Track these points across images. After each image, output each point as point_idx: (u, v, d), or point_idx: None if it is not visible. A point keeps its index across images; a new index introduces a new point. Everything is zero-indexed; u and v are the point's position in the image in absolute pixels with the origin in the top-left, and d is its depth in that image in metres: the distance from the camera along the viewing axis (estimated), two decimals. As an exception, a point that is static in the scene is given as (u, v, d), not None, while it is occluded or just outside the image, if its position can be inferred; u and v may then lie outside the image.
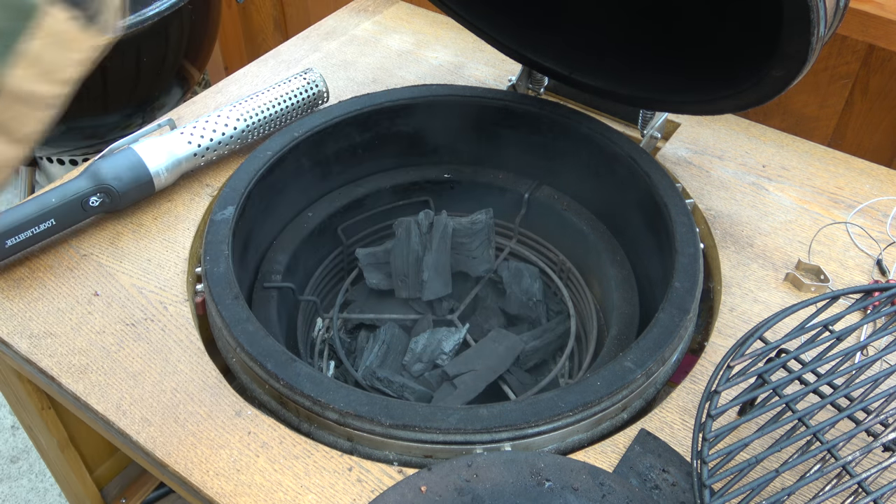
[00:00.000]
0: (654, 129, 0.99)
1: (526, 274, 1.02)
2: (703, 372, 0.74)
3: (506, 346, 0.90)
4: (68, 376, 0.72)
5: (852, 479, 0.58)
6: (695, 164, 0.99)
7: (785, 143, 1.03)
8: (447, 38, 1.22)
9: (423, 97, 0.98)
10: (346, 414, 0.65)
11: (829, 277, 0.83)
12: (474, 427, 0.64)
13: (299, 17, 1.66)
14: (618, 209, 0.96)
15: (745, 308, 0.81)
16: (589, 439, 0.69)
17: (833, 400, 0.62)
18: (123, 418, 0.68)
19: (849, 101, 1.09)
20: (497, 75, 1.14)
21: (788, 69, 0.69)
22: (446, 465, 0.61)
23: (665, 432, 0.68)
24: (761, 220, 0.91)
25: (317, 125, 0.93)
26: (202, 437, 0.67)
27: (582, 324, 1.00)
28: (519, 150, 1.02)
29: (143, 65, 1.25)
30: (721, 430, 0.59)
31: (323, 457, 0.65)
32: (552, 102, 0.99)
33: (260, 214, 0.90)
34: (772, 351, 0.63)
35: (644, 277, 0.92)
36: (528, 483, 0.60)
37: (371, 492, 0.63)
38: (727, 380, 0.61)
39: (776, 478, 0.57)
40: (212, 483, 0.63)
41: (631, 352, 0.70)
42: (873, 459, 0.66)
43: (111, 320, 0.77)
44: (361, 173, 1.03)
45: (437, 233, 0.97)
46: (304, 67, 1.11)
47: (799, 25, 0.64)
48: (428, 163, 1.06)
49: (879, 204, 0.93)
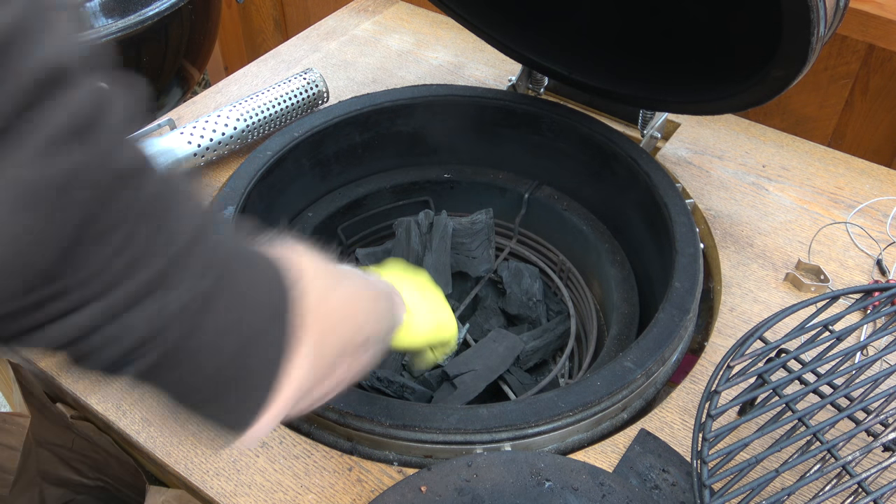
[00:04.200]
0: (654, 129, 0.99)
1: (526, 274, 1.02)
2: (703, 372, 0.74)
3: (506, 346, 0.90)
4: (68, 376, 0.72)
5: (852, 478, 0.58)
6: (695, 164, 0.99)
7: (785, 143, 1.03)
8: (447, 38, 1.22)
9: (423, 97, 0.98)
10: (345, 414, 0.65)
11: (829, 277, 0.83)
12: (474, 427, 0.64)
13: (299, 17, 1.66)
14: (618, 209, 0.96)
15: (745, 308, 0.81)
16: (589, 439, 0.69)
17: (833, 400, 0.62)
18: (123, 418, 0.68)
19: (849, 101, 1.09)
20: (497, 75, 1.14)
21: (788, 69, 0.69)
22: (446, 465, 0.61)
23: (665, 432, 0.68)
24: (761, 220, 0.91)
25: (317, 125, 0.93)
26: (202, 437, 0.67)
27: (582, 324, 1.00)
28: (519, 150, 1.02)
29: (143, 65, 1.25)
30: (721, 430, 0.59)
31: (323, 457, 0.65)
32: (552, 102, 0.99)
33: (260, 214, 0.90)
34: (772, 351, 0.63)
35: (644, 277, 0.92)
36: (527, 483, 0.60)
37: (371, 492, 0.63)
38: (727, 380, 0.61)
39: (776, 478, 0.57)
40: (212, 483, 0.63)
41: (631, 352, 0.70)
42: (873, 459, 0.66)
43: (111, 320, 0.77)
44: (361, 173, 1.03)
45: (437, 233, 0.97)
46: (304, 67, 1.11)
47: (799, 25, 0.64)
48: (428, 163, 1.06)
49: (879, 204, 0.93)
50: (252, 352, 0.36)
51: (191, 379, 0.35)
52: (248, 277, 0.36)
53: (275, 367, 0.38)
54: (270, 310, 0.37)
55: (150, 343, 0.32)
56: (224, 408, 0.38)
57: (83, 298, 0.29)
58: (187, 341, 0.33)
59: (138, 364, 0.33)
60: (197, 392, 0.36)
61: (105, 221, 0.29)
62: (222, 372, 0.35)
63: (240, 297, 0.35)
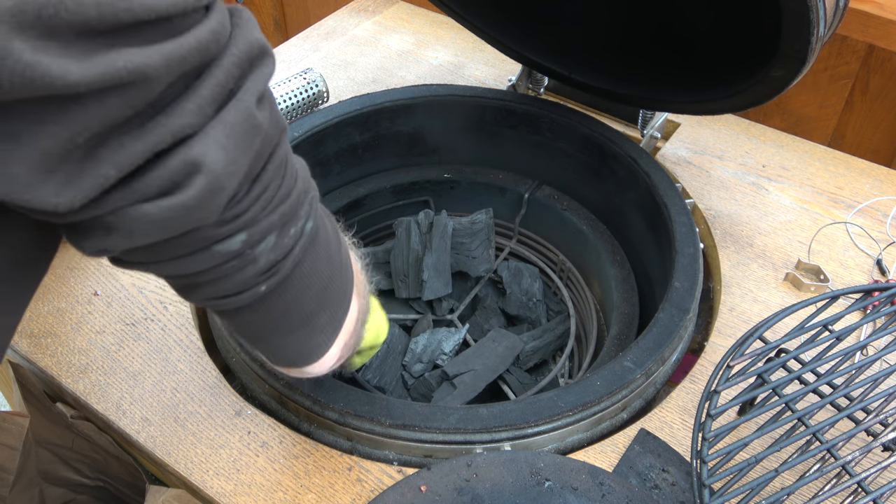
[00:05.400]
0: (654, 129, 0.99)
1: (526, 274, 1.02)
2: (702, 372, 0.74)
3: (505, 346, 0.90)
4: (68, 376, 0.72)
5: (852, 478, 0.58)
6: (695, 164, 0.99)
7: (785, 143, 1.03)
8: (447, 38, 1.22)
9: (423, 97, 0.98)
10: (345, 413, 0.65)
11: (828, 277, 0.83)
12: (474, 427, 0.64)
13: (299, 17, 1.66)
14: (618, 209, 0.96)
15: (745, 308, 0.81)
16: (589, 439, 0.69)
17: (833, 400, 0.62)
18: (123, 418, 0.68)
19: (849, 101, 1.09)
20: (497, 75, 1.14)
21: (788, 69, 0.69)
22: (446, 465, 0.61)
23: (665, 432, 0.68)
24: (761, 219, 0.91)
25: (317, 125, 0.93)
26: (202, 437, 0.67)
27: (582, 324, 1.00)
28: (519, 150, 1.02)
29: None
30: (721, 430, 0.59)
31: (323, 456, 0.65)
32: (552, 102, 0.99)
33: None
34: (771, 351, 0.63)
35: (644, 277, 0.92)
36: (527, 483, 0.60)
37: (371, 491, 0.63)
38: (727, 379, 0.61)
39: (776, 477, 0.57)
40: (212, 482, 0.63)
41: (631, 351, 0.70)
42: (873, 459, 0.66)
43: (111, 320, 0.77)
44: (361, 173, 1.03)
45: (437, 233, 0.97)
46: (304, 67, 1.11)
47: (799, 25, 0.64)
48: (428, 163, 1.06)
49: (879, 204, 0.93)
50: (336, 283, 0.47)
51: (298, 299, 0.44)
52: (332, 225, 0.48)
53: (348, 297, 0.49)
54: (343, 254, 0.48)
55: (277, 266, 0.40)
56: (314, 328, 0.47)
57: (242, 224, 0.37)
58: (300, 267, 0.42)
59: (268, 283, 0.41)
60: (299, 311, 0.45)
61: (264, 166, 0.37)
62: (320, 295, 0.45)
63: (328, 238, 0.46)
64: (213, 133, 0.32)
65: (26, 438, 0.64)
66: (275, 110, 0.37)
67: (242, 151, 0.34)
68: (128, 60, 0.27)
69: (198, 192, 0.32)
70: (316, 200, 0.44)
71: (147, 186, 0.31)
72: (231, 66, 0.32)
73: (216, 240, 0.36)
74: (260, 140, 0.35)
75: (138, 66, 0.28)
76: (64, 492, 0.73)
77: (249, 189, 0.36)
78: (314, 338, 0.48)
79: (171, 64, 0.29)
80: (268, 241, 0.39)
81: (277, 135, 0.37)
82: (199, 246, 0.36)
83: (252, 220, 0.37)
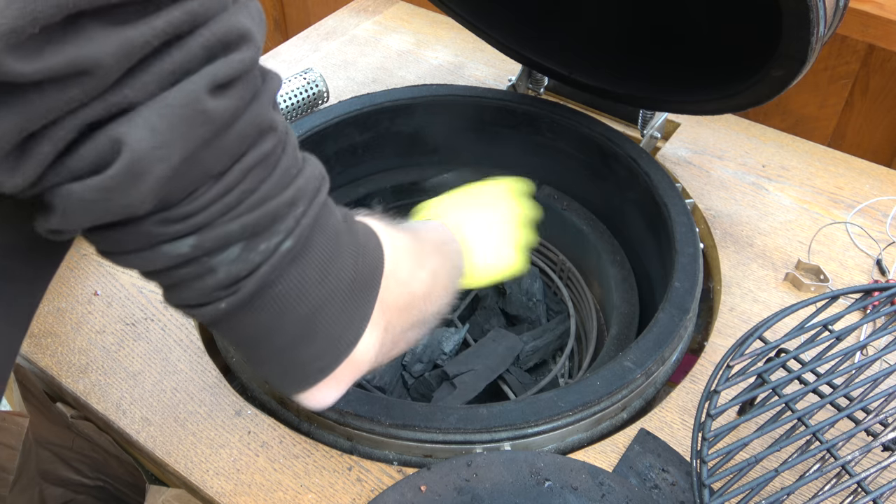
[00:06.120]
0: (654, 129, 0.99)
1: (526, 274, 1.02)
2: (702, 372, 0.74)
3: (505, 346, 0.90)
4: (68, 376, 0.72)
5: (852, 478, 0.58)
6: (695, 164, 0.99)
7: (785, 143, 1.03)
8: (447, 38, 1.22)
9: (423, 97, 0.98)
10: (345, 413, 0.65)
11: (828, 277, 0.83)
12: (474, 427, 0.64)
13: (299, 17, 1.66)
14: (618, 209, 0.96)
15: (745, 308, 0.81)
16: (588, 439, 0.69)
17: (832, 399, 0.62)
18: (123, 418, 0.68)
19: (849, 101, 1.09)
20: (497, 75, 1.14)
21: (788, 69, 0.69)
22: (446, 465, 0.61)
23: (665, 432, 0.68)
24: (761, 219, 0.91)
25: (317, 125, 0.93)
26: (202, 437, 0.67)
27: (582, 324, 1.00)
28: (519, 150, 1.02)
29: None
30: (720, 430, 0.59)
31: (323, 456, 0.65)
32: (552, 102, 0.99)
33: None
34: (771, 351, 0.63)
35: (644, 277, 0.92)
36: (527, 482, 0.60)
37: (371, 491, 0.63)
38: (727, 379, 0.61)
39: (775, 477, 0.57)
40: (212, 482, 0.63)
41: (630, 351, 0.70)
42: (873, 459, 0.66)
43: (111, 320, 0.77)
44: (361, 173, 1.03)
45: (437, 233, 0.97)
46: (304, 67, 1.11)
47: (799, 25, 0.64)
48: (428, 163, 1.06)
49: (879, 204, 0.93)
50: (328, 314, 0.40)
51: (269, 325, 0.39)
52: (334, 245, 0.40)
53: (348, 334, 0.42)
54: (352, 280, 0.41)
55: (239, 283, 0.36)
56: (294, 361, 0.41)
57: (191, 226, 0.34)
58: (272, 288, 0.37)
59: (228, 301, 0.37)
60: (271, 339, 0.40)
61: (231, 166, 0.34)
62: (304, 322, 0.39)
63: (328, 258, 0.40)
64: (145, 112, 0.30)
65: (26, 438, 0.64)
66: (259, 108, 0.34)
67: (178, 137, 0.31)
68: (82, 49, 0.27)
69: (116, 173, 0.30)
70: (309, 218, 0.39)
71: (76, 164, 0.30)
72: (197, 47, 0.30)
73: (162, 239, 0.34)
74: (209, 130, 0.32)
75: (92, 54, 0.27)
76: (64, 492, 0.73)
77: (208, 189, 0.33)
78: (298, 370, 0.42)
79: (131, 51, 0.28)
80: (229, 251, 0.35)
81: (254, 134, 0.34)
82: (145, 242, 0.34)
83: (204, 223, 0.34)
